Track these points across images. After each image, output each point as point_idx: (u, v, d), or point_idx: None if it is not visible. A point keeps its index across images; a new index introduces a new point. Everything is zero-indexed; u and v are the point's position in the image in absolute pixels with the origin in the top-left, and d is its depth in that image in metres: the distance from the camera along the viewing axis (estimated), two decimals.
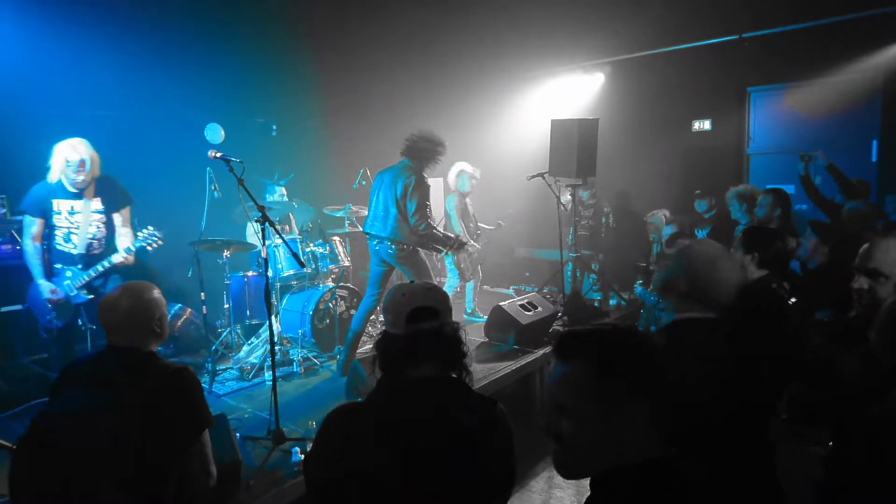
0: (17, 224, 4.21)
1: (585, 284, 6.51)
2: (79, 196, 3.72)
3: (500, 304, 4.90)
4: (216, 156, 3.35)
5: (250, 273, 5.10)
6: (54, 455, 1.85)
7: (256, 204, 3.27)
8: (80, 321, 3.84)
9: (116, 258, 3.74)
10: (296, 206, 5.42)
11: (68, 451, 1.84)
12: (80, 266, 3.74)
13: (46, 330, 3.80)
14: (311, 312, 4.80)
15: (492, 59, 7.57)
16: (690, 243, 2.01)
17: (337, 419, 1.57)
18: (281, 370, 4.46)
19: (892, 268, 2.10)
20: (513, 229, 7.83)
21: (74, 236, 3.73)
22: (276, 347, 4.01)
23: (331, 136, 6.60)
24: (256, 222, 3.27)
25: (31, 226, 3.69)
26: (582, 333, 1.17)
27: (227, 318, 5.06)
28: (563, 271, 5.88)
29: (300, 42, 6.06)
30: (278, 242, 4.80)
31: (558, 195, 5.64)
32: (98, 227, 3.80)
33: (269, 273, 3.43)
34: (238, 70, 5.71)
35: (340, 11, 6.40)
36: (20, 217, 4.23)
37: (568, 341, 1.16)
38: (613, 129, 6.75)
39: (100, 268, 3.73)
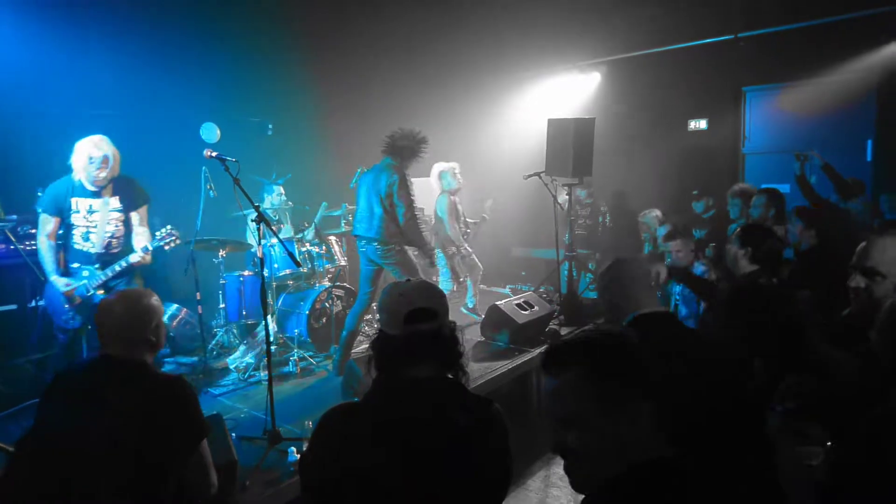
0: (11, 224, 4.18)
1: (582, 283, 6.52)
2: (97, 195, 3.67)
3: (497, 303, 4.90)
4: (212, 155, 3.34)
5: (246, 273, 5.08)
6: (48, 471, 1.79)
7: (252, 203, 3.26)
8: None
9: (134, 258, 3.68)
10: (292, 205, 5.41)
11: (61, 468, 1.78)
12: (97, 266, 3.69)
13: (63, 330, 3.71)
14: (307, 312, 4.80)
15: (489, 59, 7.57)
16: (613, 262, 2.16)
17: (333, 419, 1.57)
18: (277, 370, 4.44)
19: (889, 266, 2.11)
20: (506, 228, 7.85)
21: (93, 235, 3.68)
22: (273, 347, 4.01)
23: (327, 135, 6.58)
24: (252, 222, 3.26)
25: (46, 224, 3.63)
26: (564, 345, 1.19)
27: (223, 318, 5.06)
28: (560, 270, 5.88)
29: (297, 41, 6.05)
30: (274, 242, 4.79)
31: (555, 194, 5.64)
32: (116, 225, 3.74)
33: (265, 272, 3.42)
34: (234, 69, 5.69)
35: (338, 11, 6.39)
36: (13, 216, 4.22)
37: (552, 355, 1.18)
38: (609, 128, 6.76)
39: (117, 267, 3.67)
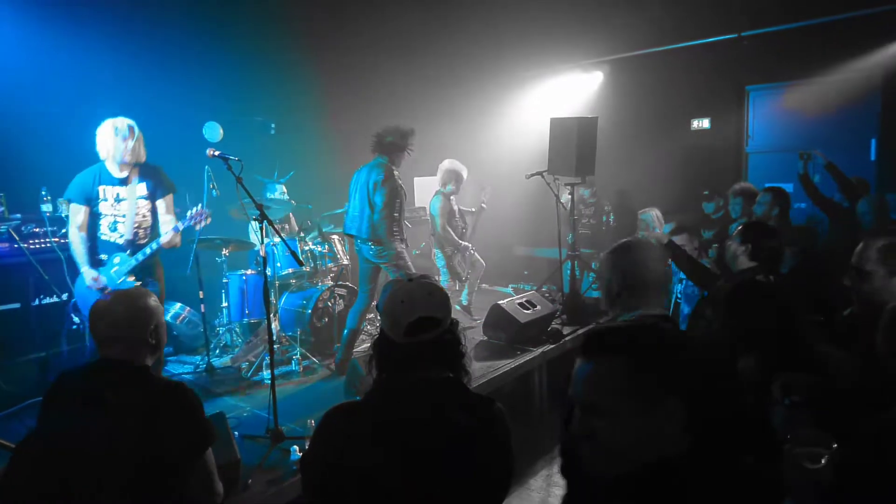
0: (15, 223, 4.19)
1: (585, 283, 6.51)
2: (124, 182, 3.62)
3: (499, 302, 4.90)
4: (214, 154, 3.33)
5: (249, 271, 5.09)
6: (46, 478, 1.70)
7: (255, 202, 3.26)
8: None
9: (164, 238, 3.62)
10: (294, 204, 5.42)
11: (61, 474, 1.70)
12: (128, 252, 3.62)
13: None
14: (309, 311, 4.80)
15: (491, 59, 7.56)
16: (615, 247, 2.05)
17: (334, 418, 1.57)
18: (280, 369, 4.45)
19: (874, 265, 2.12)
20: (508, 227, 7.83)
21: (121, 224, 3.62)
22: (275, 346, 4.02)
23: (330, 134, 6.59)
24: (255, 221, 3.26)
25: (76, 214, 3.56)
26: (608, 331, 1.17)
27: (225, 317, 5.07)
28: (562, 270, 5.87)
29: (299, 41, 6.05)
30: (277, 241, 4.80)
31: (557, 193, 5.63)
32: (143, 214, 3.68)
33: (268, 271, 3.42)
34: (237, 68, 5.69)
35: (340, 10, 6.39)
36: (17, 216, 4.23)
37: (594, 339, 1.16)
38: (612, 127, 6.74)
39: (148, 250, 3.61)
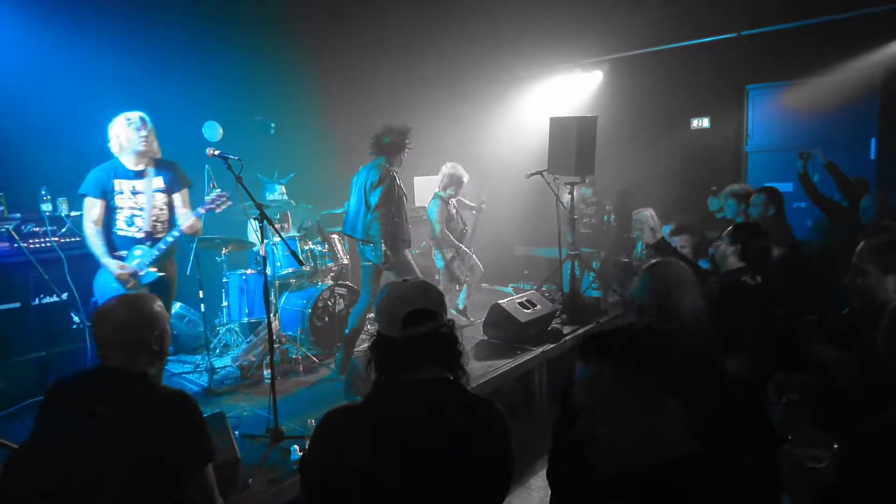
0: (15, 222, 4.19)
1: (585, 282, 6.51)
2: (140, 175, 3.58)
3: (499, 301, 4.89)
4: (214, 154, 3.33)
5: (249, 271, 5.10)
6: (44, 483, 1.65)
7: (255, 202, 3.26)
8: None
9: (185, 224, 3.58)
10: (294, 204, 5.42)
11: (57, 481, 1.64)
12: (148, 244, 3.58)
13: None
14: (310, 311, 4.80)
15: (491, 58, 7.56)
16: (658, 262, 2.04)
17: (333, 419, 1.57)
18: (280, 368, 4.45)
19: (865, 263, 2.12)
20: (508, 226, 7.84)
21: (138, 218, 3.57)
22: (275, 345, 4.02)
23: (330, 134, 6.58)
24: (255, 220, 3.26)
25: (91, 208, 3.51)
26: (605, 334, 1.19)
27: (225, 317, 5.07)
28: (562, 269, 5.87)
29: (299, 40, 6.05)
30: (277, 240, 4.80)
31: (557, 193, 5.63)
32: (160, 207, 3.64)
33: (268, 271, 3.42)
34: (237, 67, 5.68)
35: (340, 10, 6.39)
36: (17, 215, 4.22)
37: (593, 343, 1.18)
38: (612, 127, 6.74)
39: (170, 238, 3.57)
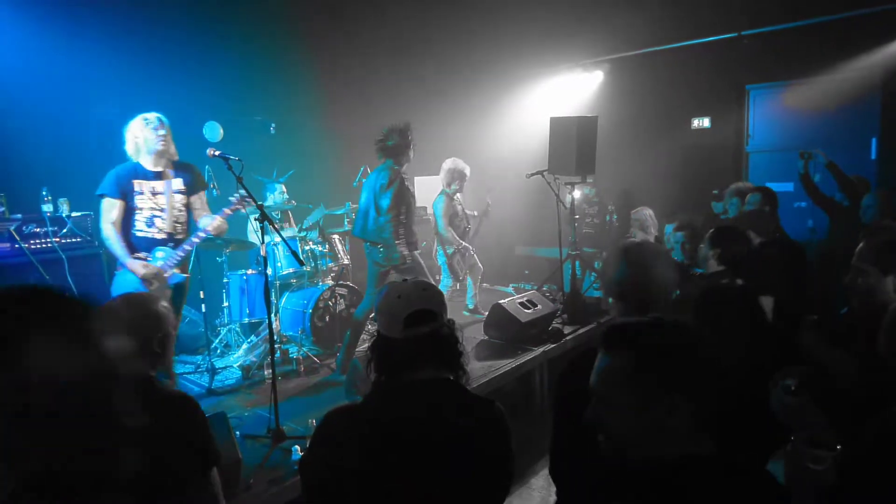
0: (16, 223, 4.19)
1: (586, 282, 6.51)
2: (159, 176, 3.54)
3: (500, 301, 4.89)
4: (215, 154, 3.33)
5: (249, 271, 5.10)
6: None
7: (255, 202, 3.26)
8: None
9: (212, 224, 3.52)
10: (294, 204, 5.42)
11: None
12: (171, 245, 3.54)
13: None
14: (310, 311, 4.80)
15: (491, 58, 7.56)
16: (629, 244, 2.01)
17: (333, 420, 1.57)
18: (281, 368, 4.45)
19: (863, 262, 2.12)
20: (509, 226, 7.83)
21: (158, 220, 3.52)
22: (276, 346, 4.02)
23: (330, 134, 6.59)
24: (255, 220, 3.27)
25: (110, 209, 3.45)
26: (626, 326, 1.21)
27: (226, 317, 5.07)
28: (563, 269, 5.87)
29: (299, 40, 6.05)
30: (278, 241, 4.80)
31: (557, 193, 5.63)
32: (180, 209, 3.60)
33: (269, 271, 3.42)
34: (237, 68, 5.69)
35: (340, 10, 6.39)
36: (18, 216, 4.22)
37: (613, 333, 1.20)
38: (613, 126, 6.74)
39: (195, 239, 3.53)
